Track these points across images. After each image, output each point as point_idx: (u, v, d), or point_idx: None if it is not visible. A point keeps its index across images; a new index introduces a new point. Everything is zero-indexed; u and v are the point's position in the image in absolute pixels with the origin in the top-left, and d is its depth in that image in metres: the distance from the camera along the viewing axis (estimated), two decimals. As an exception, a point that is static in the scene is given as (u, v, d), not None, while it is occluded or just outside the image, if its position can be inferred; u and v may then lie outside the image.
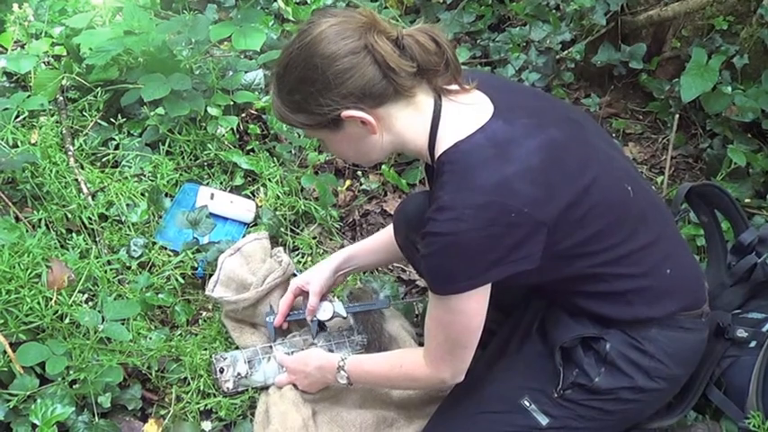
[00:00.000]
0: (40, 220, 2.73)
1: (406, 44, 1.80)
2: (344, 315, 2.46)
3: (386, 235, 2.44)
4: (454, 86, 1.88)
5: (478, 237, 1.76)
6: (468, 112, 1.86)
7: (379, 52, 1.77)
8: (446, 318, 1.93)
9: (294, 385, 2.37)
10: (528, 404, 2.08)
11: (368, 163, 2.11)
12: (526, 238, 1.79)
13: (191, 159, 3.12)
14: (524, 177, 1.78)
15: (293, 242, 2.92)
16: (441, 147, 1.85)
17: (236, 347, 2.52)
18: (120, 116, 3.12)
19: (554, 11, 3.70)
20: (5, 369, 2.22)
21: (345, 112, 1.82)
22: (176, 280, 2.67)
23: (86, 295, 2.54)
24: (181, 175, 3.05)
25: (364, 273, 2.77)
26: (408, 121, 1.87)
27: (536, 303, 2.16)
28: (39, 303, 2.35)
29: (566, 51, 3.60)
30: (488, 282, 1.86)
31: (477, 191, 1.76)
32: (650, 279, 1.99)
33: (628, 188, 1.95)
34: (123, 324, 2.36)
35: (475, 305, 1.89)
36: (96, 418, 2.26)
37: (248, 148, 3.18)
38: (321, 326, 2.47)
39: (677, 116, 3.40)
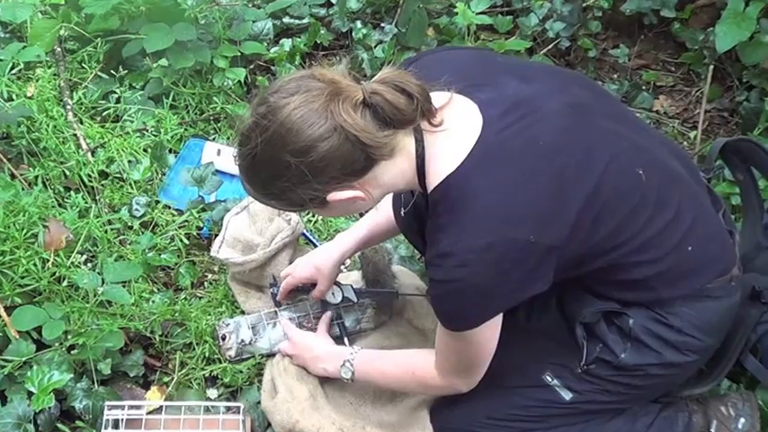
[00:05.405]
0: (36, 177, 2.73)
1: (375, 103, 1.69)
2: (355, 300, 2.44)
3: (389, 211, 2.37)
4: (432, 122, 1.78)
5: (486, 278, 1.73)
6: (453, 139, 1.76)
7: (351, 132, 1.67)
8: (458, 346, 1.92)
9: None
10: (550, 379, 2.06)
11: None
12: (537, 265, 1.75)
13: (196, 113, 3.10)
14: (526, 200, 1.71)
15: (303, 201, 2.88)
16: (431, 182, 1.77)
17: (243, 312, 2.50)
18: (121, 68, 3.11)
19: (581, -45, 3.62)
20: (0, 334, 2.20)
21: (330, 196, 1.76)
22: (180, 240, 2.64)
23: (85, 256, 2.55)
24: (185, 129, 3.04)
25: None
26: (395, 171, 1.78)
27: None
28: (35, 265, 2.35)
29: (593, -1, 3.53)
30: (500, 312, 1.84)
31: (478, 231, 1.70)
32: (672, 260, 1.92)
33: (639, 172, 1.87)
34: (124, 287, 2.35)
35: (487, 335, 1.88)
36: (96, 385, 2.26)
37: (256, 101, 3.14)
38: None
39: (712, 67, 3.33)
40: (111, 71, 3.11)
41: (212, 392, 2.37)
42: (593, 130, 1.86)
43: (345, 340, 2.38)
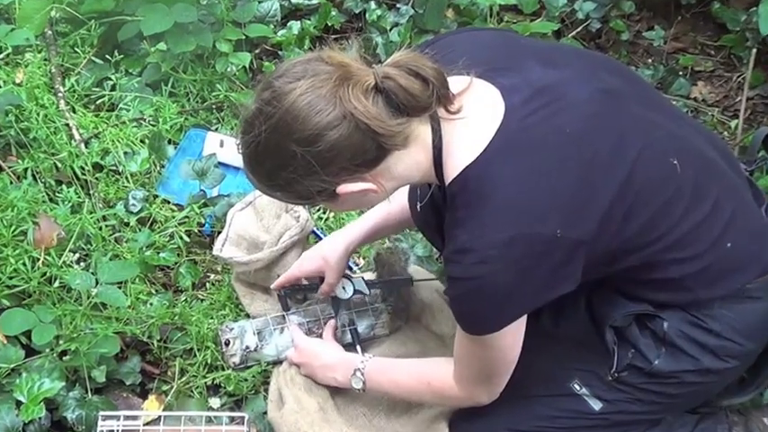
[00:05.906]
0: (25, 170, 2.72)
1: (387, 89, 1.68)
2: (367, 293, 2.43)
3: (403, 200, 2.36)
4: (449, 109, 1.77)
5: (508, 276, 1.71)
6: (472, 127, 1.75)
7: (361, 120, 1.66)
8: (478, 351, 1.91)
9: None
10: (578, 388, 2.06)
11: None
12: (564, 261, 1.73)
13: (197, 101, 3.10)
14: (550, 190, 1.70)
15: (312, 195, 2.87)
16: (449, 174, 1.76)
17: (248, 315, 2.50)
18: (116, 53, 3.09)
19: (613, -70, 3.60)
20: (-13, 339, 2.22)
21: (340, 188, 1.74)
22: (180, 238, 2.63)
23: (78, 255, 2.55)
24: (186, 119, 3.03)
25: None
26: (409, 162, 1.78)
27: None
28: (24, 264, 2.35)
29: (626, -24, 3.51)
30: (524, 314, 1.83)
31: (499, 225, 1.69)
32: (710, 257, 1.91)
33: (674, 162, 1.86)
34: (120, 288, 2.36)
35: (511, 340, 1.87)
36: (89, 393, 2.26)
37: (262, 88, 3.13)
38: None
39: (755, 51, 3.30)
40: (106, 56, 3.09)
41: (215, 402, 2.37)
42: (626, 116, 1.84)
43: (358, 348, 2.38)
